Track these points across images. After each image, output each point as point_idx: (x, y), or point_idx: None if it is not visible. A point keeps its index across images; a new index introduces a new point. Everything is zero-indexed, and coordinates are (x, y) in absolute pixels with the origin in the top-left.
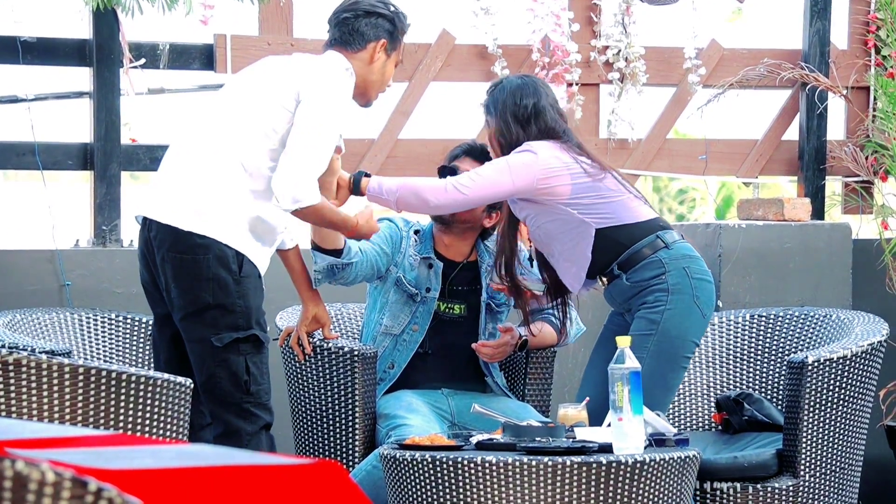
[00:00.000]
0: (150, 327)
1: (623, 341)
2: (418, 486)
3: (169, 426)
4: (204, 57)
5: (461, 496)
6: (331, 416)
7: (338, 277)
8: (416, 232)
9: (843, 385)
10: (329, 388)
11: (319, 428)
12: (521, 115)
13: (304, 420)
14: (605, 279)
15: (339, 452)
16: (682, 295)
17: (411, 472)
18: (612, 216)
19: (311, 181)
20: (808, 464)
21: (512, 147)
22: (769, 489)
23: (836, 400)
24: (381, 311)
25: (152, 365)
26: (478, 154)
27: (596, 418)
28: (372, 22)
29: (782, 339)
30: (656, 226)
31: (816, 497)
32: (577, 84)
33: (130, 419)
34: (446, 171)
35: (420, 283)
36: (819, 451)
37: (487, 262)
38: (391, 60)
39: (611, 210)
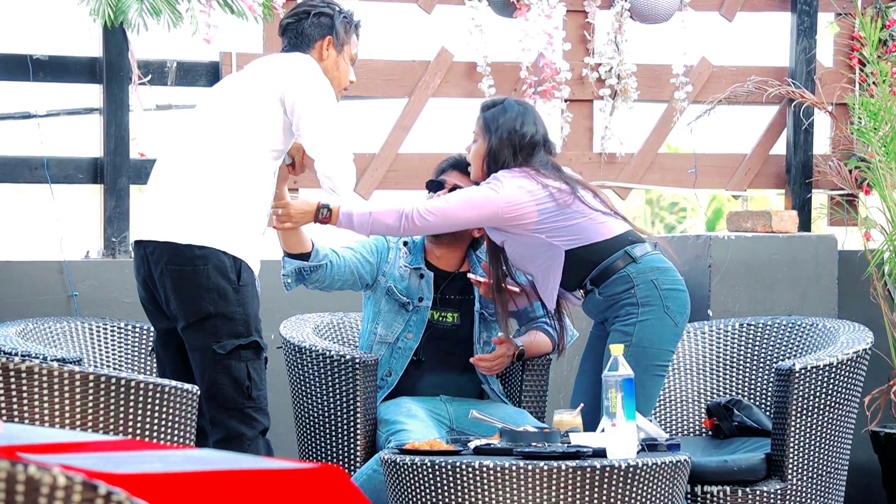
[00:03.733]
0: None
1: (616, 349)
2: (418, 490)
3: (176, 432)
4: (210, 74)
5: (459, 500)
6: (333, 422)
7: (308, 281)
8: (405, 244)
9: (829, 392)
10: (331, 394)
11: (322, 433)
12: (516, 142)
13: (308, 426)
14: (582, 291)
15: (341, 457)
16: (651, 307)
17: (411, 476)
18: (580, 236)
19: (352, 163)
20: (795, 468)
21: (495, 169)
22: (758, 492)
23: (822, 406)
24: (374, 321)
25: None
26: (464, 167)
27: (588, 424)
28: (314, 21)
29: (770, 347)
30: (626, 241)
31: (803, 500)
32: (567, 101)
33: (139, 425)
34: (434, 184)
35: (411, 292)
36: (806, 456)
37: (479, 273)
38: (343, 56)
39: (578, 231)
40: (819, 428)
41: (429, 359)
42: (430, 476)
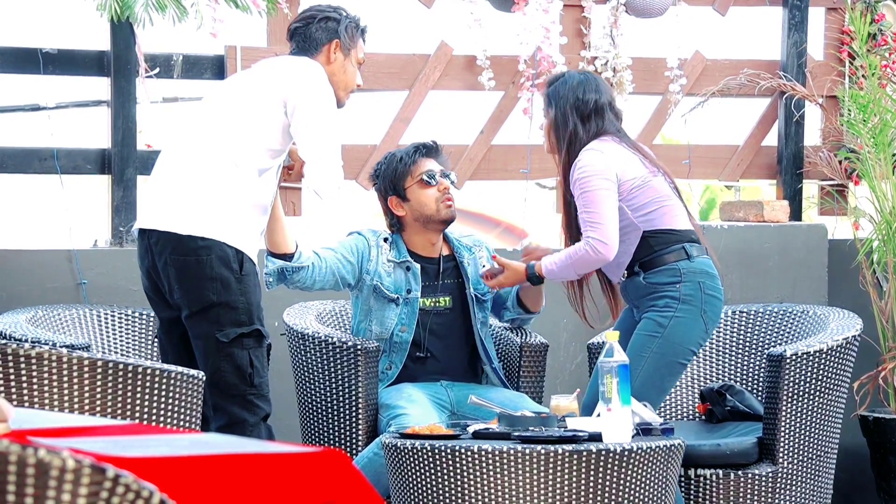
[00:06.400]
0: None
1: (611, 336)
2: (418, 473)
3: (182, 416)
4: (215, 67)
5: (458, 483)
6: (335, 407)
7: (290, 281)
8: (386, 240)
9: (819, 377)
10: (333, 380)
11: (325, 418)
12: (581, 110)
13: (311, 410)
14: (625, 272)
15: (343, 441)
16: (691, 306)
17: (411, 459)
18: (656, 221)
19: (340, 170)
20: (786, 451)
21: (569, 140)
22: (749, 475)
23: (812, 391)
24: (366, 319)
25: None
26: (434, 152)
27: (591, 410)
28: (321, 26)
29: (762, 334)
30: (686, 237)
31: (794, 483)
32: None
33: (146, 410)
34: (438, 174)
35: (399, 286)
36: (797, 440)
37: (467, 257)
38: (350, 59)
39: (657, 215)
40: (809, 412)
41: (426, 351)
42: (430, 459)
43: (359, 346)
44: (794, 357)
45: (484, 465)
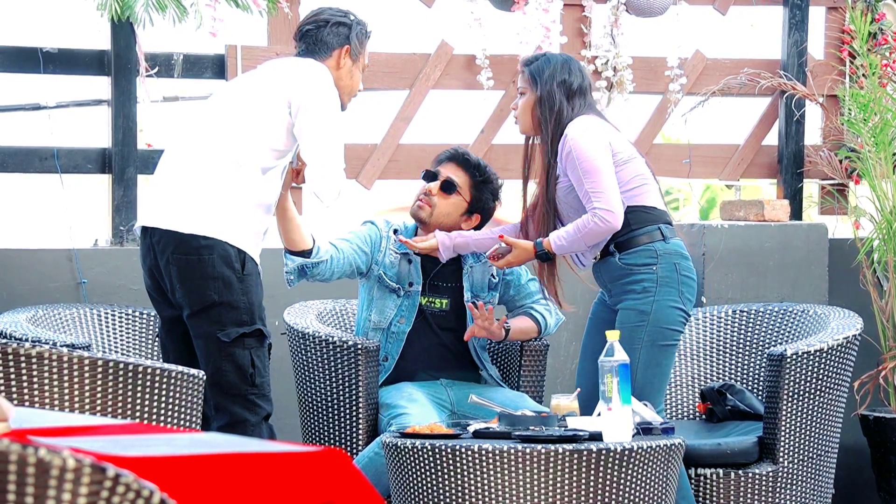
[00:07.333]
0: None
1: (612, 335)
2: (418, 473)
3: (183, 416)
4: (216, 66)
5: (459, 482)
6: (336, 406)
7: (310, 276)
8: (395, 231)
9: (820, 376)
10: (334, 379)
11: (325, 417)
12: (567, 89)
13: (311, 410)
14: (598, 254)
15: (343, 440)
16: (669, 288)
17: (411, 459)
18: (637, 197)
19: (342, 173)
20: (786, 451)
21: (553, 118)
22: (750, 474)
23: (813, 390)
24: (368, 308)
25: None
26: (460, 160)
27: (587, 408)
28: (333, 30)
29: (762, 333)
30: (662, 218)
31: (794, 482)
32: None
33: (146, 409)
34: (429, 174)
35: (401, 278)
36: (797, 439)
37: (470, 262)
38: (357, 65)
39: (639, 192)
40: (810, 412)
41: (423, 344)
42: (430, 459)
43: (359, 346)
44: (794, 356)
45: (484, 464)
